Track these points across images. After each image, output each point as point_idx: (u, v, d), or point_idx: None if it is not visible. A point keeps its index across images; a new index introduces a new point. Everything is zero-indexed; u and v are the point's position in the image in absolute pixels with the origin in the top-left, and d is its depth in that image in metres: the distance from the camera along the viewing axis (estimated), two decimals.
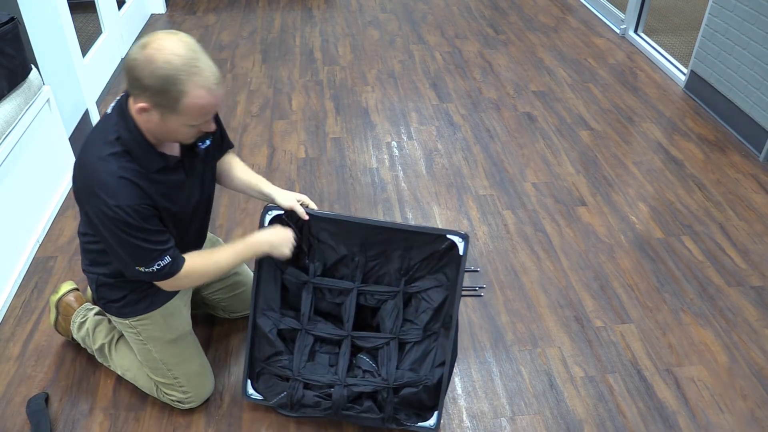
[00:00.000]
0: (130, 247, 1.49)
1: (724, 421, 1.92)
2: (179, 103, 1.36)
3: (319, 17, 4.79)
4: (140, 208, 1.45)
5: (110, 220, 1.44)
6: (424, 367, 1.82)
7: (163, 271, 1.55)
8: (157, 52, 1.33)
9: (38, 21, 2.77)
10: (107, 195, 1.42)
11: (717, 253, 2.54)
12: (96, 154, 1.45)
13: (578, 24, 4.68)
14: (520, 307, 2.30)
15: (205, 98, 1.38)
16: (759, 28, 3.09)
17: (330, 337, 1.88)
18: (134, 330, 1.80)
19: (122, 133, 1.45)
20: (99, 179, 1.42)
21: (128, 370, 1.92)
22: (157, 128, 1.45)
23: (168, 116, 1.40)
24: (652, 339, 2.18)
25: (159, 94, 1.35)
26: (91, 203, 1.45)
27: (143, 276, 1.56)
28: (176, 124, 1.42)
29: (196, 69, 1.35)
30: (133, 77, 1.37)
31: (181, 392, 1.87)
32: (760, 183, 2.96)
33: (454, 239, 1.79)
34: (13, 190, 2.39)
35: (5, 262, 2.30)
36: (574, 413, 1.93)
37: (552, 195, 2.87)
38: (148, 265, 1.52)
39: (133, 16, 4.39)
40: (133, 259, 1.52)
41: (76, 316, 2.01)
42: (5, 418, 1.89)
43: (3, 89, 2.36)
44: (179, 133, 1.47)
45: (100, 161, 1.44)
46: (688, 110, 3.55)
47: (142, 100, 1.38)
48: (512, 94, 3.71)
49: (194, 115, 1.40)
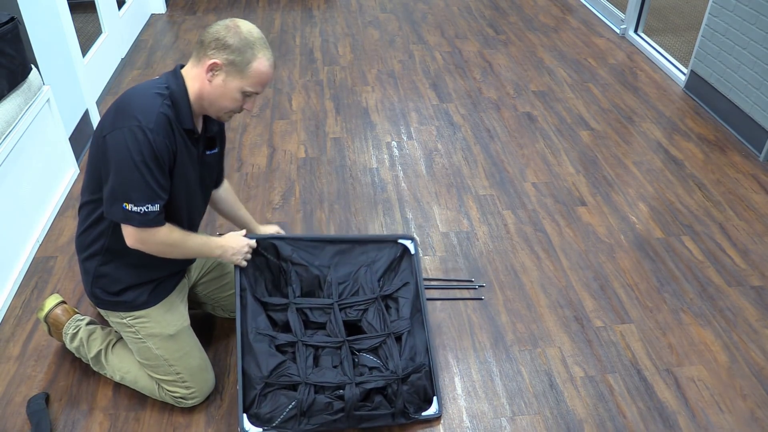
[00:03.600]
0: (133, 178, 1.54)
1: (724, 421, 1.92)
2: (250, 64, 1.60)
3: (319, 17, 4.79)
4: (164, 146, 1.56)
5: (133, 142, 1.52)
6: (419, 355, 1.91)
7: (147, 217, 1.58)
8: (238, 24, 1.62)
9: (38, 21, 2.77)
10: (145, 119, 1.53)
11: (717, 253, 2.54)
12: (145, 91, 1.59)
13: (578, 24, 4.68)
14: (520, 307, 2.30)
15: (268, 69, 1.64)
16: (759, 28, 3.09)
17: (328, 345, 1.91)
18: (132, 329, 1.80)
19: (171, 84, 1.62)
20: (143, 105, 1.55)
21: (128, 372, 1.92)
22: (213, 90, 1.62)
23: (233, 76, 1.61)
24: (652, 339, 2.18)
25: (237, 51, 1.58)
26: (122, 124, 1.53)
27: (125, 216, 1.57)
28: (235, 87, 1.61)
29: (266, 46, 1.65)
30: (216, 37, 1.59)
31: (184, 388, 1.87)
32: (760, 183, 2.96)
33: (405, 243, 2.08)
34: (12, 190, 2.39)
35: (5, 262, 2.30)
36: (574, 413, 1.93)
37: (552, 195, 2.87)
38: (138, 203, 1.55)
39: (133, 16, 4.39)
40: (127, 191, 1.55)
41: (68, 328, 2.00)
42: (5, 418, 1.89)
43: (3, 89, 2.36)
44: (229, 99, 1.63)
45: (147, 94, 1.58)
46: (688, 110, 3.55)
47: (218, 57, 1.59)
48: (512, 94, 3.71)
49: (255, 80, 1.62)
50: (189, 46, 4.29)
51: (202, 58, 1.61)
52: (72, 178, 2.91)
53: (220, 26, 1.61)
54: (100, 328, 1.99)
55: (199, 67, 1.62)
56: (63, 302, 2.05)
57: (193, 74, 1.63)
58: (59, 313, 2.02)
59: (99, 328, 1.99)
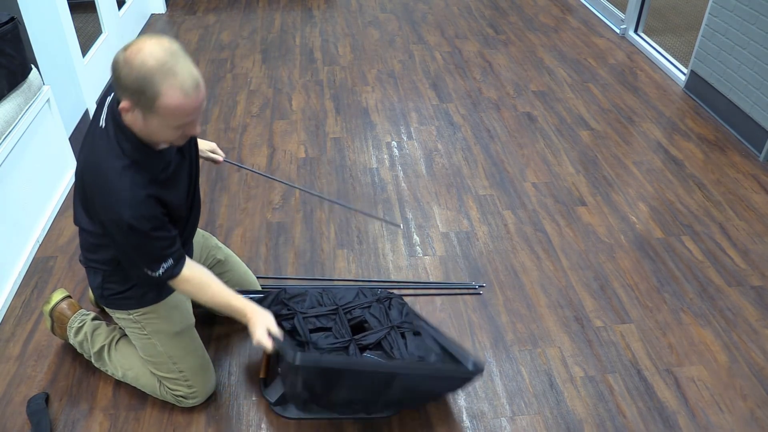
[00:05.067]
0: (143, 252, 1.56)
1: (724, 421, 1.92)
2: (155, 103, 1.39)
3: (319, 17, 4.79)
4: (156, 216, 1.53)
5: (129, 230, 1.50)
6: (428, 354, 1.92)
7: (169, 273, 1.61)
8: (136, 54, 1.37)
9: (38, 21, 2.77)
10: (127, 208, 1.47)
11: (717, 253, 2.54)
12: (108, 171, 1.49)
13: (578, 24, 4.68)
14: (520, 307, 2.30)
15: (180, 100, 1.40)
16: (759, 28, 3.09)
17: (336, 346, 1.91)
18: (138, 325, 1.81)
19: (123, 145, 1.50)
20: (116, 195, 1.48)
21: (129, 369, 1.92)
22: (142, 129, 1.48)
23: (148, 116, 1.43)
24: (652, 339, 2.18)
25: (136, 93, 1.38)
26: (108, 215, 1.50)
27: (150, 278, 1.61)
28: (157, 125, 1.45)
29: (171, 72, 1.38)
30: (115, 77, 1.41)
31: (187, 386, 1.87)
32: (760, 183, 2.96)
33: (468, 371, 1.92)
34: (13, 190, 2.39)
35: (5, 262, 2.30)
36: (574, 413, 1.93)
37: (552, 195, 2.87)
38: (155, 270, 1.59)
39: (133, 16, 4.39)
40: (143, 262, 1.58)
41: (73, 322, 2.00)
42: (5, 418, 1.89)
43: (3, 89, 2.36)
44: (163, 134, 1.48)
45: (113, 178, 1.48)
46: (688, 110, 3.55)
47: (124, 99, 1.42)
48: (512, 94, 3.71)
49: (171, 116, 1.42)
50: (189, 46, 4.29)
51: (118, 96, 1.45)
52: (72, 178, 2.91)
53: (118, 60, 1.39)
54: (104, 324, 2.00)
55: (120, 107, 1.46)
56: (69, 297, 2.06)
57: (121, 111, 1.47)
58: (65, 307, 2.03)
59: (104, 324, 2.00)
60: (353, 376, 1.68)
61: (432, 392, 1.89)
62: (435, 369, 1.81)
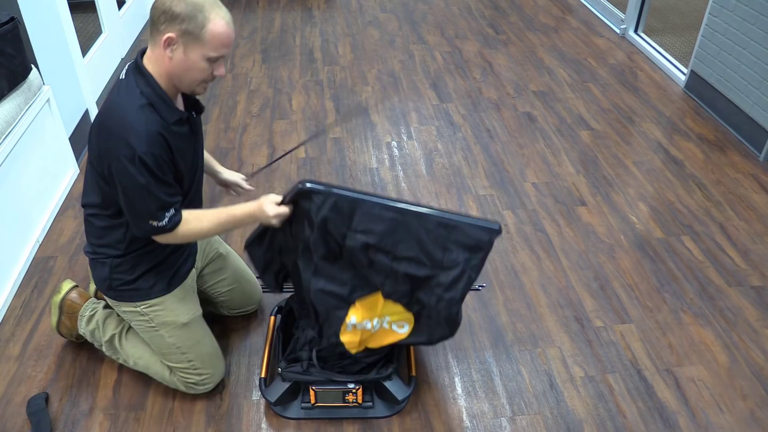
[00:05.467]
0: (148, 199, 1.57)
1: (724, 421, 1.92)
2: (205, 29, 1.51)
3: (319, 17, 4.79)
4: (163, 158, 1.57)
5: (137, 168, 1.52)
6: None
7: (173, 221, 1.63)
8: None
9: (38, 21, 2.76)
10: (139, 142, 1.51)
11: (717, 253, 2.54)
12: (125, 108, 1.55)
13: (578, 24, 4.68)
14: (520, 307, 2.30)
15: (225, 28, 1.54)
16: (759, 28, 3.09)
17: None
18: (146, 317, 1.81)
19: (143, 88, 1.57)
20: (131, 128, 1.52)
21: (140, 358, 1.94)
22: (177, 66, 1.56)
23: (191, 46, 1.53)
24: (652, 339, 2.18)
25: (187, 19, 1.50)
26: (119, 152, 1.53)
27: (155, 229, 1.62)
28: (195, 57, 1.54)
29: (216, 4, 1.56)
30: (163, 10, 1.51)
31: (197, 374, 1.89)
32: (760, 183, 2.96)
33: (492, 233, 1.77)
34: (13, 190, 2.39)
35: (5, 262, 2.30)
36: (574, 413, 1.93)
37: (552, 195, 2.87)
38: (161, 218, 1.61)
39: (133, 16, 4.39)
40: (148, 210, 1.59)
41: (84, 310, 2.01)
42: (5, 418, 1.89)
43: (3, 89, 2.36)
44: (196, 69, 1.56)
45: (130, 113, 1.54)
46: (688, 110, 3.55)
47: (171, 29, 1.51)
48: (512, 94, 3.71)
49: (215, 43, 1.54)
50: None
51: (156, 36, 1.55)
52: (72, 178, 2.91)
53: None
54: (115, 313, 2.00)
55: (157, 49, 1.55)
56: (77, 286, 2.07)
57: (155, 57, 1.57)
58: (76, 296, 2.03)
59: (114, 312, 2.00)
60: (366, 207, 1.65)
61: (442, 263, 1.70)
62: (451, 217, 1.68)
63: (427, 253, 1.69)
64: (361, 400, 1.88)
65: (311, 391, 1.86)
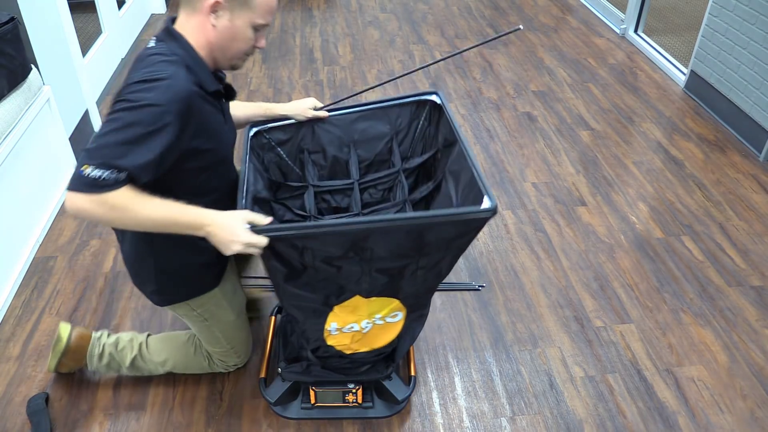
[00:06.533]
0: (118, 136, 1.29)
1: (724, 421, 1.92)
2: None
3: (319, 17, 4.79)
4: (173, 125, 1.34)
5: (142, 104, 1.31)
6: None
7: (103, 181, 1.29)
8: None
9: (38, 21, 2.76)
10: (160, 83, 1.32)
11: (717, 253, 2.54)
12: (161, 61, 1.38)
13: (578, 24, 4.68)
14: (520, 307, 2.30)
15: None
16: (759, 28, 3.09)
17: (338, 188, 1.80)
18: (195, 312, 1.77)
19: (177, 51, 1.43)
20: (160, 70, 1.35)
21: (169, 360, 1.93)
22: (221, 34, 1.45)
23: (240, 11, 1.43)
24: (652, 339, 2.18)
25: None
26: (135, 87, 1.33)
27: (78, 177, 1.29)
28: (244, 23, 1.44)
29: None
30: None
31: (236, 356, 1.93)
32: (760, 183, 2.96)
33: (428, 98, 1.86)
34: (13, 190, 2.39)
35: (5, 262, 2.30)
36: (574, 413, 1.93)
37: (552, 195, 2.87)
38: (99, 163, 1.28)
39: (133, 16, 4.39)
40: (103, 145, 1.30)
41: (92, 349, 1.92)
42: (5, 418, 1.89)
43: (3, 89, 2.36)
44: (240, 38, 1.46)
45: (166, 65, 1.37)
46: (688, 110, 3.55)
47: None
48: (512, 94, 3.71)
49: (264, 9, 1.45)
50: None
51: (196, 2, 1.42)
52: None
53: None
54: (122, 335, 1.95)
55: (196, 15, 1.43)
56: (74, 327, 1.93)
57: (193, 25, 1.44)
58: (77, 339, 1.91)
59: (121, 335, 1.96)
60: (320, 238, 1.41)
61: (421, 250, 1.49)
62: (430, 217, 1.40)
63: (401, 248, 1.47)
64: (361, 400, 1.88)
65: (311, 391, 1.86)
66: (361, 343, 1.74)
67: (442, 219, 1.41)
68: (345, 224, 1.38)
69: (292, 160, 1.90)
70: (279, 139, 1.87)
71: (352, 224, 1.39)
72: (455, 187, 1.70)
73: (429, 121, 1.92)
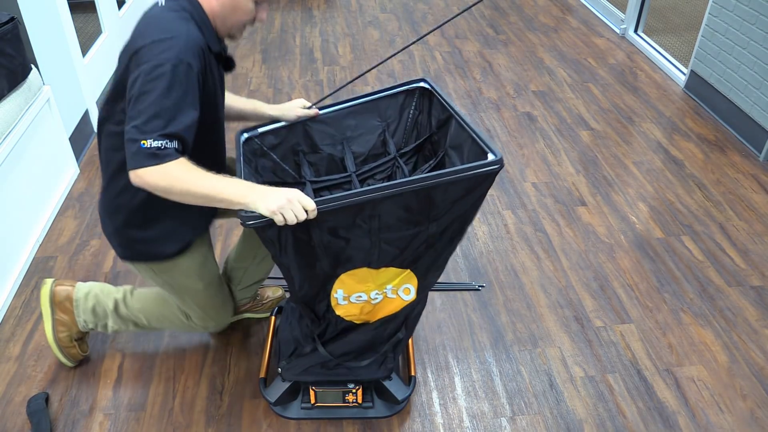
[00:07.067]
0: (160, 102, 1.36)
1: (724, 421, 1.92)
2: None
3: (319, 17, 4.79)
4: (196, 75, 1.42)
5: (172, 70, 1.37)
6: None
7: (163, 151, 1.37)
8: None
9: (38, 21, 2.76)
10: (179, 47, 1.39)
11: (717, 253, 2.54)
12: (172, 18, 1.45)
13: (578, 24, 4.68)
14: (520, 307, 2.30)
15: None
16: (759, 28, 3.09)
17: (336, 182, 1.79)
18: (161, 279, 1.76)
19: (188, 8, 1.49)
20: (174, 28, 1.42)
21: (148, 308, 1.91)
22: (224, 5, 1.51)
23: None
24: (652, 339, 2.18)
25: None
26: (155, 48, 1.39)
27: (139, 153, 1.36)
28: None
29: None
30: None
31: (210, 320, 1.91)
32: (760, 183, 2.96)
33: (416, 86, 1.85)
34: (13, 190, 2.39)
35: (5, 262, 2.30)
36: (574, 413, 1.93)
37: (552, 195, 2.87)
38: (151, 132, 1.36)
39: (133, 16, 4.38)
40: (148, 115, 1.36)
41: (78, 292, 1.92)
42: (5, 418, 1.89)
43: (3, 89, 2.36)
44: (242, 11, 1.52)
45: (177, 22, 1.44)
46: (688, 110, 3.55)
47: None
48: (512, 94, 3.71)
49: None
50: None
51: None
52: (72, 178, 2.91)
53: None
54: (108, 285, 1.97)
55: None
56: (54, 281, 1.95)
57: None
58: (62, 286, 1.94)
59: (107, 285, 1.97)
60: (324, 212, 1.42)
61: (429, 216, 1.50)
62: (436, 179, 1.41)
63: (410, 214, 1.48)
64: (361, 400, 1.88)
65: (311, 391, 1.86)
66: (372, 314, 1.70)
67: (449, 178, 1.43)
68: (354, 194, 1.40)
69: (286, 163, 1.89)
70: (271, 144, 1.86)
71: (360, 193, 1.40)
72: (459, 159, 1.70)
73: (420, 109, 1.91)
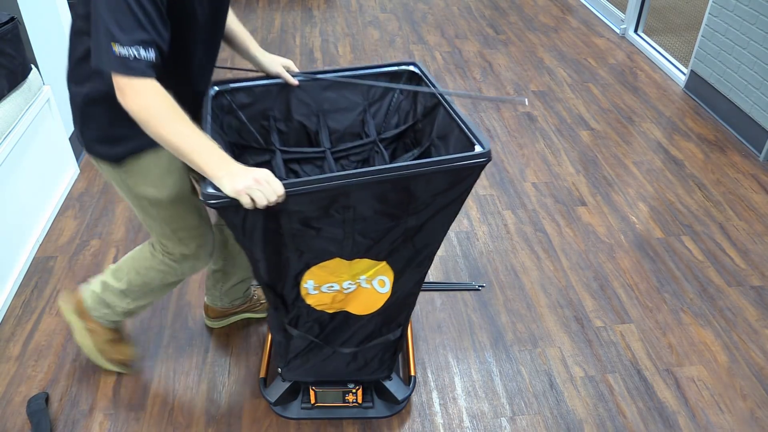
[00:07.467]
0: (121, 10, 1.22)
1: (724, 421, 1.92)
2: None
3: (319, 17, 4.79)
4: None
5: None
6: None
7: (138, 64, 1.24)
8: None
9: (38, 21, 2.77)
10: None
11: (717, 253, 2.54)
12: None
13: (578, 24, 4.68)
14: (520, 307, 2.30)
15: None
16: (759, 28, 3.09)
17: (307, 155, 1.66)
18: (125, 184, 1.60)
19: None
20: None
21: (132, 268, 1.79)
22: None
23: None
24: (652, 339, 2.18)
25: None
26: None
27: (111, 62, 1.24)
28: None
29: None
30: None
31: (182, 245, 1.72)
32: (760, 183, 2.96)
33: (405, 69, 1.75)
34: (13, 190, 2.39)
35: (5, 262, 2.30)
36: (574, 413, 1.93)
37: (552, 195, 2.87)
38: (125, 43, 1.22)
39: None
40: (117, 27, 1.22)
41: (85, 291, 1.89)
42: (5, 418, 1.89)
43: (3, 89, 2.36)
44: None
45: None
46: (688, 110, 3.55)
47: None
48: (512, 94, 3.71)
49: None
50: None
51: None
52: (72, 178, 2.91)
53: None
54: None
55: None
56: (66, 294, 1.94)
57: None
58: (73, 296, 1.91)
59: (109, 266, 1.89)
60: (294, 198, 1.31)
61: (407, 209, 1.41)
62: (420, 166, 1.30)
63: (387, 205, 1.38)
64: (361, 400, 1.88)
65: (311, 391, 1.86)
66: (344, 303, 1.60)
67: (432, 168, 1.32)
68: (328, 178, 1.27)
69: (253, 126, 1.74)
70: (241, 102, 1.71)
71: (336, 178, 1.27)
72: (445, 150, 1.60)
73: (405, 93, 1.78)
